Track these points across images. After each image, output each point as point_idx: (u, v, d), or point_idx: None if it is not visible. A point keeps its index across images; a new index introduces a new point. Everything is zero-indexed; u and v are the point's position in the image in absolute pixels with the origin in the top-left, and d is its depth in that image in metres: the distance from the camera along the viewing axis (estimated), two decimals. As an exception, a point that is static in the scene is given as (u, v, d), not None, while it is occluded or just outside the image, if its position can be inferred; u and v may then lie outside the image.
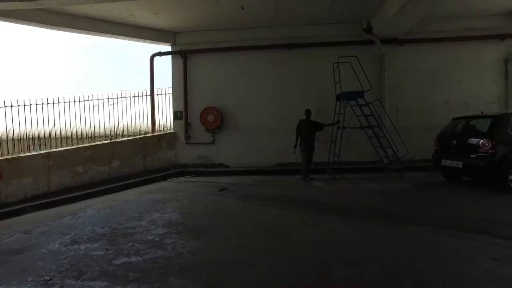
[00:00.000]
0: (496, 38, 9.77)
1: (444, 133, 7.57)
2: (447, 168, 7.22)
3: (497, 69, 9.86)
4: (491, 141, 6.27)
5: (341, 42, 9.88)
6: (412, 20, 8.51)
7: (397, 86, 9.88)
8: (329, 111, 9.43)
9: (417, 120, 9.74)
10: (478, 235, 4.19)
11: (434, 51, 9.95)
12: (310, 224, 4.98)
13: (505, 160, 6.21)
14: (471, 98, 9.65)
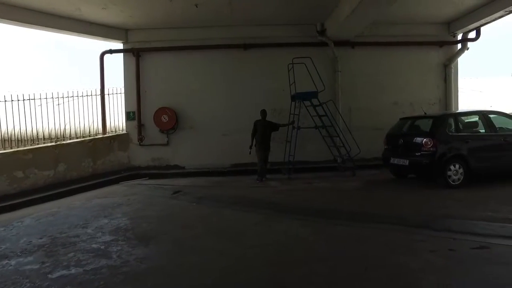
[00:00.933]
0: (436, 45, 10.50)
1: (392, 132, 7.95)
2: (395, 166, 7.59)
3: (438, 73, 10.59)
4: (433, 140, 6.68)
5: (296, 43, 10.04)
6: (362, 23, 8.85)
7: (349, 87, 10.23)
8: (285, 112, 9.55)
9: (368, 120, 10.16)
10: (419, 229, 4.42)
11: (383, 54, 10.44)
12: (264, 225, 4.97)
13: (444, 157, 6.65)
14: (416, 99, 10.26)
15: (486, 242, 3.89)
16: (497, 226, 4.32)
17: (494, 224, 4.42)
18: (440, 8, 9.39)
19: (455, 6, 9.29)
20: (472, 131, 7.18)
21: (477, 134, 7.10)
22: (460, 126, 7.13)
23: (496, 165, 6.99)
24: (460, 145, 6.78)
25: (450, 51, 10.62)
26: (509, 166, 7.06)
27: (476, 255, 3.59)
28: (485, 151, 6.91)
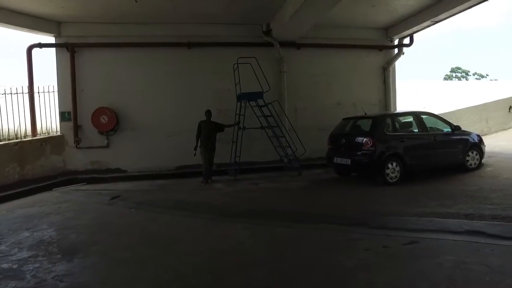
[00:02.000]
0: (376, 49, 11.00)
1: (335, 132, 8.15)
2: (339, 165, 7.78)
3: (378, 76, 11.10)
4: (372, 139, 6.94)
5: (242, 43, 9.94)
6: (306, 25, 8.97)
7: (295, 87, 10.34)
8: (231, 112, 9.40)
9: (313, 120, 10.35)
10: (357, 227, 4.51)
11: (327, 56, 10.70)
12: (203, 230, 4.78)
13: (382, 156, 6.93)
14: (358, 100, 10.64)
15: (416, 237, 4.04)
16: (426, 221, 4.54)
17: (423, 219, 4.64)
18: (378, 14, 9.83)
19: (390, 13, 9.79)
20: (407, 130, 7.61)
21: (412, 133, 7.52)
22: (396, 126, 7.50)
23: (428, 162, 7.45)
24: (397, 144, 7.12)
25: (388, 55, 11.19)
26: (439, 163, 7.58)
27: (406, 251, 3.71)
28: (419, 149, 7.34)
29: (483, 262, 3.27)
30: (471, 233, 4.05)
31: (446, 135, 7.70)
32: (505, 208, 4.79)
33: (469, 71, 44.60)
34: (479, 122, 11.11)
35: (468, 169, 7.71)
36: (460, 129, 7.84)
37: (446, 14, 9.07)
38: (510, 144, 9.56)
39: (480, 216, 4.52)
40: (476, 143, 7.95)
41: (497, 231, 4.02)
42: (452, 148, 7.66)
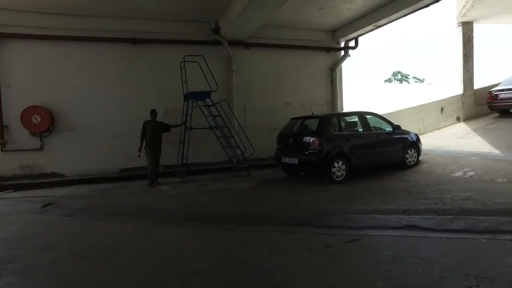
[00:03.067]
0: (324, 50, 11.28)
1: (283, 132, 8.17)
2: (287, 165, 7.81)
3: (326, 76, 11.38)
4: (319, 139, 7.03)
5: (190, 41, 9.65)
6: (254, 24, 8.91)
7: (244, 87, 10.26)
8: (178, 112, 9.09)
9: (263, 120, 10.33)
10: (302, 227, 4.50)
11: (276, 56, 10.75)
12: (145, 237, 4.48)
13: (329, 155, 7.06)
14: (307, 100, 10.83)
15: (358, 235, 4.12)
16: (368, 218, 4.65)
17: (365, 216, 4.75)
18: (325, 17, 10.07)
19: (336, 16, 10.08)
20: (352, 130, 7.84)
21: (356, 133, 7.76)
22: (342, 126, 7.69)
23: (372, 160, 7.74)
24: (343, 143, 7.29)
25: (335, 57, 11.53)
26: (382, 160, 7.91)
27: (349, 249, 3.75)
28: (363, 148, 7.58)
29: (417, 255, 3.39)
30: (408, 227, 4.21)
31: (388, 134, 8.05)
32: (437, 202, 5.06)
33: (408, 75, 47.92)
34: (416, 122, 11.83)
35: (407, 166, 8.12)
36: (400, 129, 8.24)
37: (387, 20, 9.54)
38: (442, 141, 10.26)
39: (416, 210, 4.72)
40: (414, 141, 8.41)
41: (430, 224, 4.21)
42: (394, 147, 8.03)
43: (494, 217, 4.30)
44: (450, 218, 4.36)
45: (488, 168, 7.09)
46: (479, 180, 6.49)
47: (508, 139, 9.08)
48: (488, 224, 4.08)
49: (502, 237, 3.74)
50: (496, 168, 6.96)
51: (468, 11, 11.69)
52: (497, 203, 4.86)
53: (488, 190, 5.67)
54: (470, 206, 4.75)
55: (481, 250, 3.50)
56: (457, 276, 2.95)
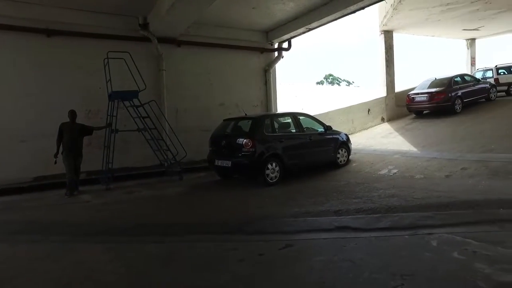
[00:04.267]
0: (258, 51, 11.26)
1: (216, 134, 7.91)
2: (220, 168, 7.56)
3: (260, 77, 11.39)
4: (252, 140, 6.90)
5: (116, 36, 8.90)
6: (184, 21, 8.51)
7: (176, 87, 9.77)
8: (103, 113, 8.31)
9: (196, 121, 9.96)
10: (234, 235, 4.29)
11: (210, 55, 10.44)
12: (53, 258, 3.87)
13: (262, 157, 6.96)
14: (241, 101, 10.70)
15: (291, 240, 4.02)
16: (301, 221, 4.61)
17: (299, 219, 4.71)
18: (259, 17, 10.03)
19: (270, 17, 10.11)
20: (285, 131, 7.86)
21: (289, 134, 7.80)
22: (275, 127, 7.66)
23: (305, 160, 7.83)
24: (276, 144, 7.25)
25: (269, 58, 11.59)
26: (314, 161, 8.06)
27: (282, 256, 3.61)
28: (296, 149, 7.63)
29: (348, 258, 3.37)
30: (339, 229, 4.24)
31: (320, 135, 8.23)
32: (366, 201, 5.23)
33: (339, 78, 50.83)
34: (346, 122, 12.43)
35: (338, 165, 8.40)
36: (332, 129, 8.49)
37: (318, 23, 9.81)
38: (369, 141, 10.91)
39: (347, 211, 4.81)
40: (344, 141, 8.73)
41: (360, 224, 4.29)
42: (326, 147, 8.23)
43: (414, 212, 4.54)
44: (377, 217, 4.50)
45: (408, 165, 7.61)
46: (401, 177, 6.92)
47: (423, 138, 9.93)
48: (410, 221, 4.28)
49: (421, 232, 3.93)
50: (414, 165, 7.50)
51: (388, 20, 12.59)
52: (417, 198, 5.17)
53: (409, 186, 6.05)
54: (395, 203, 4.98)
55: (404, 247, 3.61)
56: (384, 276, 2.98)
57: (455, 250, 3.39)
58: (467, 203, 4.78)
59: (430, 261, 3.23)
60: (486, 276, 2.87)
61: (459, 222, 4.17)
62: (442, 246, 3.54)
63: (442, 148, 8.51)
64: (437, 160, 7.60)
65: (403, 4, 11.06)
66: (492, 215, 4.31)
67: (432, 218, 4.29)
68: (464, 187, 5.68)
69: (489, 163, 6.69)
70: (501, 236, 3.71)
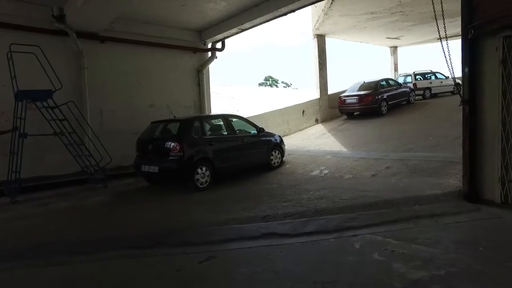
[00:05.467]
0: (190, 50, 10.85)
1: (143, 137, 7.38)
2: (147, 174, 7.05)
3: (193, 78, 10.98)
4: (180, 144, 6.52)
5: (25, 26, 7.85)
6: (106, 14, 7.87)
7: (100, 87, 8.97)
8: (8, 114, 7.28)
9: (124, 123, 9.22)
10: (154, 249, 3.92)
11: (140, 54, 9.79)
12: None
13: (191, 161, 6.62)
14: (173, 102, 10.21)
15: (215, 250, 3.77)
16: (227, 229, 4.38)
17: (225, 227, 4.48)
18: (190, 15, 9.65)
19: (201, 16, 9.78)
20: (216, 133, 7.59)
21: (221, 136, 7.55)
22: (206, 130, 7.37)
23: (237, 163, 7.64)
24: (206, 148, 6.95)
25: (202, 58, 11.23)
26: (247, 163, 7.89)
27: (202, 270, 3.34)
28: (228, 152, 7.40)
29: (272, 268, 3.22)
30: (266, 236, 4.08)
31: (253, 137, 8.12)
32: (295, 204, 5.18)
33: (278, 80, 52.05)
34: (282, 124, 12.56)
35: (272, 167, 8.36)
36: (264, 131, 8.42)
37: (250, 24, 9.71)
38: (303, 142, 11.13)
39: (275, 216, 4.69)
40: (278, 143, 8.72)
41: (287, 230, 4.19)
42: (259, 149, 8.13)
43: (341, 214, 4.58)
44: (305, 221, 4.44)
45: (339, 165, 7.82)
46: (332, 177, 7.06)
47: (353, 138, 10.37)
48: (336, 223, 4.28)
49: (346, 234, 3.94)
50: (344, 165, 7.73)
51: (320, 25, 13.00)
52: (344, 199, 5.25)
53: (338, 186, 6.16)
54: (323, 206, 4.99)
55: (329, 252, 3.57)
56: (306, 286, 2.86)
57: (376, 251, 3.42)
58: (389, 202, 4.96)
59: (353, 265, 3.20)
60: (401, 275, 2.91)
61: (381, 222, 4.27)
62: (365, 247, 3.55)
63: (370, 148, 8.92)
64: (365, 160, 7.91)
65: (333, 10, 11.45)
66: (409, 212, 4.51)
67: (356, 219, 4.34)
68: (387, 185, 5.92)
69: (409, 161, 7.11)
70: (415, 233, 3.85)
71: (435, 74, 16.24)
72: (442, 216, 4.32)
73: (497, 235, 3.70)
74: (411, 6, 10.97)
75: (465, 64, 4.76)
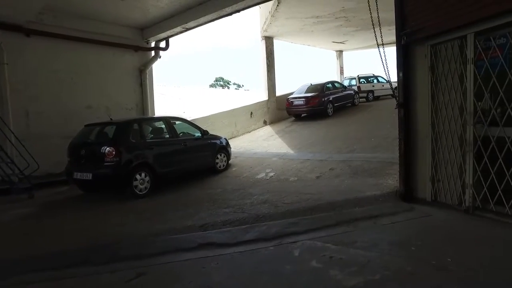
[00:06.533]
0: (131, 49, 10.26)
1: (75, 142, 6.77)
2: (80, 181, 6.46)
3: (134, 78, 10.40)
4: (116, 148, 6.04)
5: None
6: (28, 4, 7.08)
7: (25, 86, 8.14)
8: None
9: (56, 126, 8.46)
10: (77, 268, 3.49)
11: (74, 50, 9.06)
12: None
13: (129, 166, 6.17)
14: (113, 104, 9.57)
15: (145, 266, 3.44)
16: (162, 241, 4.07)
17: (160, 238, 4.16)
18: (130, 11, 9.11)
19: (143, 12, 9.27)
20: (157, 137, 7.19)
21: (162, 140, 7.16)
22: (145, 133, 6.94)
23: (180, 168, 7.28)
24: (146, 152, 6.54)
25: (145, 57, 10.68)
26: (191, 167, 7.58)
27: (129, 290, 3.02)
28: (170, 156, 7.03)
29: (206, 283, 3.00)
30: (203, 246, 3.83)
31: (197, 140, 7.82)
32: (237, 210, 5.00)
33: (230, 81, 51.84)
34: (229, 126, 12.35)
35: (217, 171, 8.12)
36: (209, 134, 8.16)
37: (195, 23, 9.40)
38: (251, 144, 11.03)
39: (214, 224, 4.47)
40: (224, 146, 8.51)
41: (225, 239, 3.98)
42: (203, 152, 7.85)
43: (282, 220, 4.47)
44: (245, 228, 4.27)
45: (284, 167, 7.79)
46: (277, 180, 6.99)
47: (300, 140, 10.47)
48: (277, 229, 4.15)
49: (286, 241, 3.82)
50: (290, 167, 7.71)
51: (268, 27, 13.01)
52: (287, 203, 5.17)
53: (282, 190, 6.09)
54: (265, 211, 4.85)
55: (268, 261, 3.41)
56: (240, 301, 2.67)
57: (315, 258, 3.32)
58: (330, 204, 4.96)
59: (290, 274, 3.07)
60: (337, 283, 2.84)
61: (322, 226, 4.22)
62: (304, 255, 3.45)
63: (315, 149, 9.04)
64: (310, 162, 7.97)
65: (279, 12, 11.50)
66: (349, 214, 4.52)
67: (297, 224, 4.25)
68: (330, 187, 5.96)
69: (351, 162, 7.27)
70: (354, 236, 3.84)
71: (377, 78, 17.08)
72: (380, 217, 4.38)
73: (427, 234, 3.81)
74: (353, 12, 11.35)
75: (400, 69, 4.92)
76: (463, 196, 4.27)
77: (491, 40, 3.96)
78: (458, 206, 4.33)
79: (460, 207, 4.29)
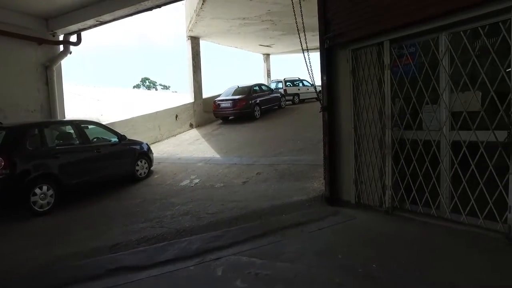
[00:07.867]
0: (34, 41, 8.90)
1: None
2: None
3: (38, 75, 9.03)
4: (6, 158, 5.06)
5: None
6: None
7: None
8: None
9: None
10: None
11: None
12: None
13: (25, 179, 5.23)
14: (9, 105, 8.16)
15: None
16: (60, 271, 3.40)
17: (58, 268, 3.48)
18: (32, -3, 7.88)
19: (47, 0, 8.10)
20: (64, 144, 6.28)
21: (70, 147, 6.26)
22: (48, 139, 5.99)
23: (93, 177, 6.46)
24: (48, 161, 5.64)
25: (52, 52, 9.38)
26: (107, 176, 6.80)
27: None
28: (80, 165, 6.19)
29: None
30: (112, 272, 3.30)
31: (113, 146, 7.05)
32: (155, 225, 4.50)
33: (156, 82, 49.71)
34: (153, 129, 11.56)
35: (138, 178, 7.44)
36: (128, 139, 7.43)
37: (110, 16, 8.54)
38: (176, 148, 10.44)
39: (127, 243, 3.92)
40: (145, 151, 7.84)
41: (138, 261, 3.48)
42: (120, 159, 7.11)
43: (204, 234, 4.11)
44: (163, 246, 3.81)
45: (210, 173, 7.43)
46: (202, 187, 6.60)
47: (227, 143, 10.19)
48: (198, 245, 3.78)
49: (209, 258, 3.47)
50: (216, 173, 7.38)
51: (193, 26, 12.51)
52: (211, 213, 4.83)
53: (207, 198, 5.73)
54: (186, 224, 4.44)
55: (186, 284, 3.04)
56: None
57: (239, 277, 3.04)
58: (256, 212, 4.74)
59: (211, 299, 2.74)
60: (264, 306, 2.57)
61: (247, 238, 3.96)
62: (227, 273, 3.15)
63: (242, 153, 8.83)
64: (237, 166, 7.72)
65: (204, 11, 11.10)
66: (277, 223, 4.34)
67: (221, 238, 3.94)
68: (257, 193, 5.76)
69: (278, 166, 7.20)
70: (281, 246, 3.66)
71: (303, 81, 17.66)
72: (307, 224, 4.28)
73: (352, 239, 3.78)
74: (279, 16, 11.46)
75: (323, 72, 4.91)
76: (384, 197, 4.39)
77: (404, 48, 4.14)
78: (379, 207, 4.45)
79: (381, 208, 4.41)
